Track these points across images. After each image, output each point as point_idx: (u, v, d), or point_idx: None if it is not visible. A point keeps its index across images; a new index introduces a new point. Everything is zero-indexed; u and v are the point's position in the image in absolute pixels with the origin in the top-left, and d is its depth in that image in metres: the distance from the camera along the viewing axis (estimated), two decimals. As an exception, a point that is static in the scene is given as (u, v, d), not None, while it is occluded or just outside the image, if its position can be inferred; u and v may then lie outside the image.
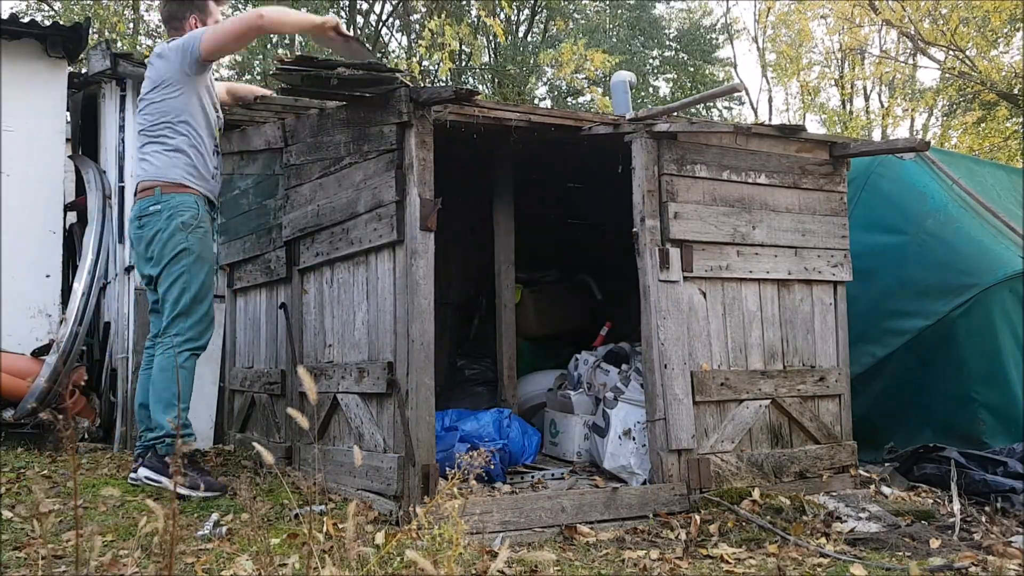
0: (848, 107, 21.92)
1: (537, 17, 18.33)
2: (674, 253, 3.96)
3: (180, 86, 3.89)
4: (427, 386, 3.45)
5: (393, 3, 17.20)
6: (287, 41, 15.85)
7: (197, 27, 3.99)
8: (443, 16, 13.37)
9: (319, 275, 4.27)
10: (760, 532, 3.41)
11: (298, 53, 6.08)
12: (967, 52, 14.84)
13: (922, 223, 5.12)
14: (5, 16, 5.11)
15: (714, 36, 20.51)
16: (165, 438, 3.76)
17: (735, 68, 22.14)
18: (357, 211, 3.86)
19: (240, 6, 16.04)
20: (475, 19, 15.94)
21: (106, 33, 13.83)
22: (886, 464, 4.68)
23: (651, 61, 19.27)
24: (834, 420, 4.36)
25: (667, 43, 19.32)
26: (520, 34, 18.19)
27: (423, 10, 15.21)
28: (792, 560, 3.09)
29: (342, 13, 17.10)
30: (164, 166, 3.89)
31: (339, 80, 3.42)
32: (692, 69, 19.12)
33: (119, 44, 12.81)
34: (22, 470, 4.04)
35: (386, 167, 3.66)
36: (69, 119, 5.65)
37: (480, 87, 16.53)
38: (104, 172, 5.43)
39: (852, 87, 21.76)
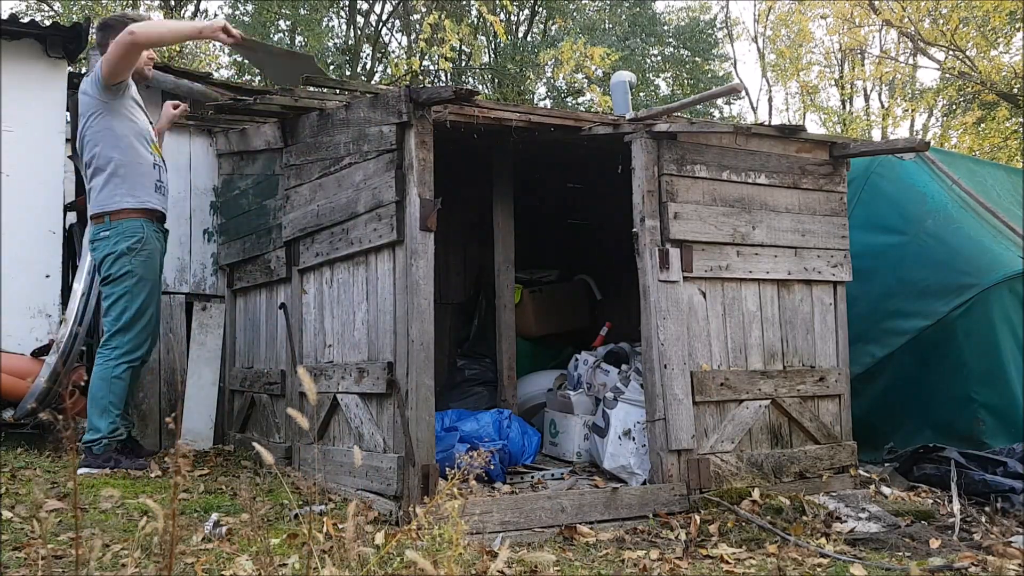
0: (848, 107, 21.92)
1: (537, 17, 18.33)
2: (674, 253, 3.96)
3: (103, 113, 4.28)
4: (427, 386, 3.45)
5: (393, 3, 17.20)
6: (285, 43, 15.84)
7: None
8: (442, 14, 13.37)
9: (319, 275, 4.27)
10: (760, 532, 3.41)
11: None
12: (967, 52, 14.83)
13: (922, 223, 5.11)
14: (5, 16, 5.10)
15: (712, 31, 20.51)
16: (102, 440, 4.19)
17: (735, 67, 22.17)
18: (357, 211, 3.86)
19: (241, 4, 16.05)
20: (476, 19, 15.93)
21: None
22: (886, 464, 4.68)
23: (651, 59, 19.27)
24: (834, 420, 4.36)
25: (667, 40, 19.32)
26: (520, 34, 18.19)
27: (423, 10, 15.21)
28: (792, 560, 3.09)
29: (342, 13, 17.11)
30: (107, 196, 4.27)
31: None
32: (691, 66, 19.13)
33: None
34: (22, 470, 4.04)
35: (386, 167, 3.66)
36: (69, 119, 5.65)
37: (480, 87, 16.52)
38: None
39: (852, 87, 21.76)
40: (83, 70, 5.73)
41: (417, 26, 15.95)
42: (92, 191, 4.33)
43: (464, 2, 15.86)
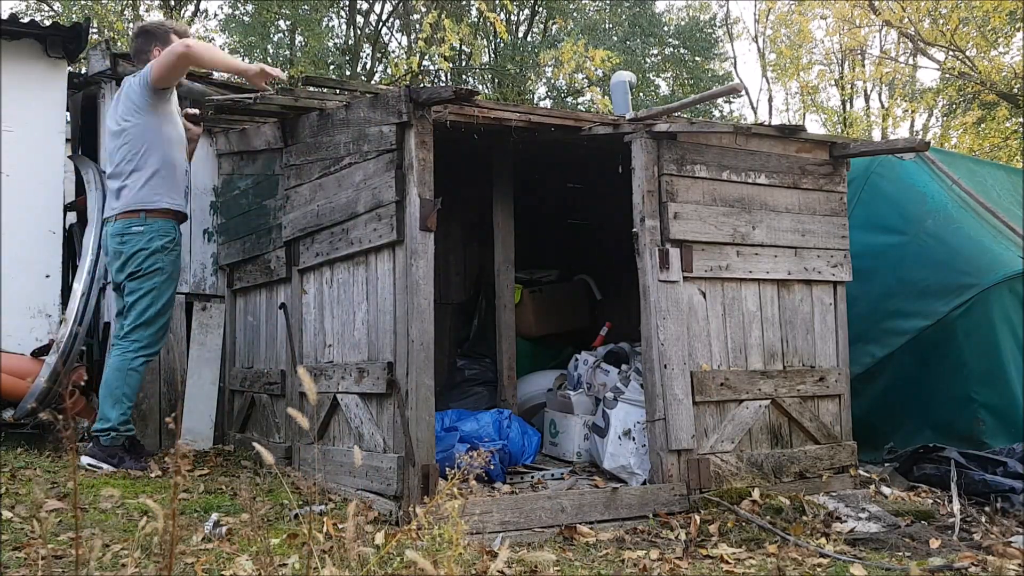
0: (848, 107, 21.92)
1: (537, 17, 18.33)
2: (674, 253, 3.96)
3: (149, 115, 4.36)
4: (427, 386, 3.45)
5: (393, 3, 17.20)
6: (288, 54, 15.85)
7: None
8: (442, 14, 13.36)
9: (319, 275, 4.27)
10: (760, 532, 3.41)
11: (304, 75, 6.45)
12: (967, 52, 14.83)
13: (922, 223, 5.11)
14: (5, 16, 5.10)
15: (712, 30, 20.51)
16: (111, 431, 4.23)
17: (735, 67, 22.17)
18: (357, 211, 3.86)
19: (241, 4, 16.06)
20: (476, 19, 15.93)
21: (104, 32, 13.83)
22: (886, 464, 4.68)
23: (651, 59, 19.27)
24: (834, 420, 4.36)
25: (667, 40, 19.32)
26: (520, 34, 18.19)
27: (423, 10, 15.21)
28: (792, 560, 3.09)
29: (342, 13, 17.11)
30: (148, 194, 4.35)
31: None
32: (691, 66, 19.13)
33: (118, 44, 12.80)
34: (22, 470, 4.04)
35: (386, 167, 3.66)
36: (69, 119, 5.65)
37: (480, 87, 16.52)
38: (104, 172, 5.42)
39: (852, 87, 21.75)
40: (83, 70, 5.73)
41: (417, 26, 15.95)
42: (126, 188, 4.36)
43: (464, 2, 15.85)
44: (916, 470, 4.49)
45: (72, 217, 5.77)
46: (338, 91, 4.26)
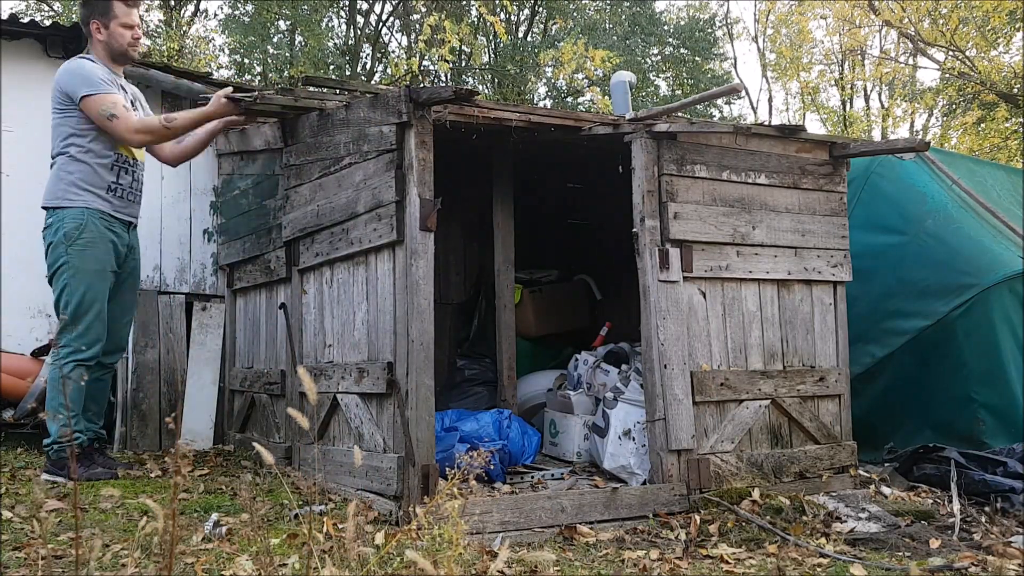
0: (848, 107, 21.93)
1: (537, 17, 18.34)
2: (674, 253, 3.96)
3: (66, 108, 4.05)
4: (427, 386, 3.45)
5: (393, 3, 17.20)
6: (288, 54, 15.85)
7: (99, 33, 4.15)
8: (442, 15, 13.36)
9: (319, 275, 4.27)
10: (760, 532, 3.41)
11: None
12: (967, 52, 14.83)
13: (922, 223, 5.11)
14: (5, 16, 5.10)
15: (712, 30, 20.51)
16: (53, 444, 3.91)
17: (735, 67, 22.17)
18: (357, 211, 3.86)
19: (241, 4, 16.05)
20: (476, 19, 15.94)
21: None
22: (886, 464, 4.68)
23: (651, 59, 19.28)
24: (834, 420, 4.36)
25: (667, 40, 19.32)
26: (520, 34, 18.19)
27: (423, 10, 15.21)
28: (792, 560, 3.09)
29: (342, 13, 17.11)
30: (54, 187, 4.07)
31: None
32: (691, 66, 19.14)
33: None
34: (22, 470, 4.04)
35: (386, 167, 3.66)
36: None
37: (480, 87, 16.52)
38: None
39: (852, 87, 21.76)
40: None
41: (417, 26, 15.95)
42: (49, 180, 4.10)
43: (464, 2, 15.85)
44: (916, 470, 4.49)
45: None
46: (338, 91, 4.26)
